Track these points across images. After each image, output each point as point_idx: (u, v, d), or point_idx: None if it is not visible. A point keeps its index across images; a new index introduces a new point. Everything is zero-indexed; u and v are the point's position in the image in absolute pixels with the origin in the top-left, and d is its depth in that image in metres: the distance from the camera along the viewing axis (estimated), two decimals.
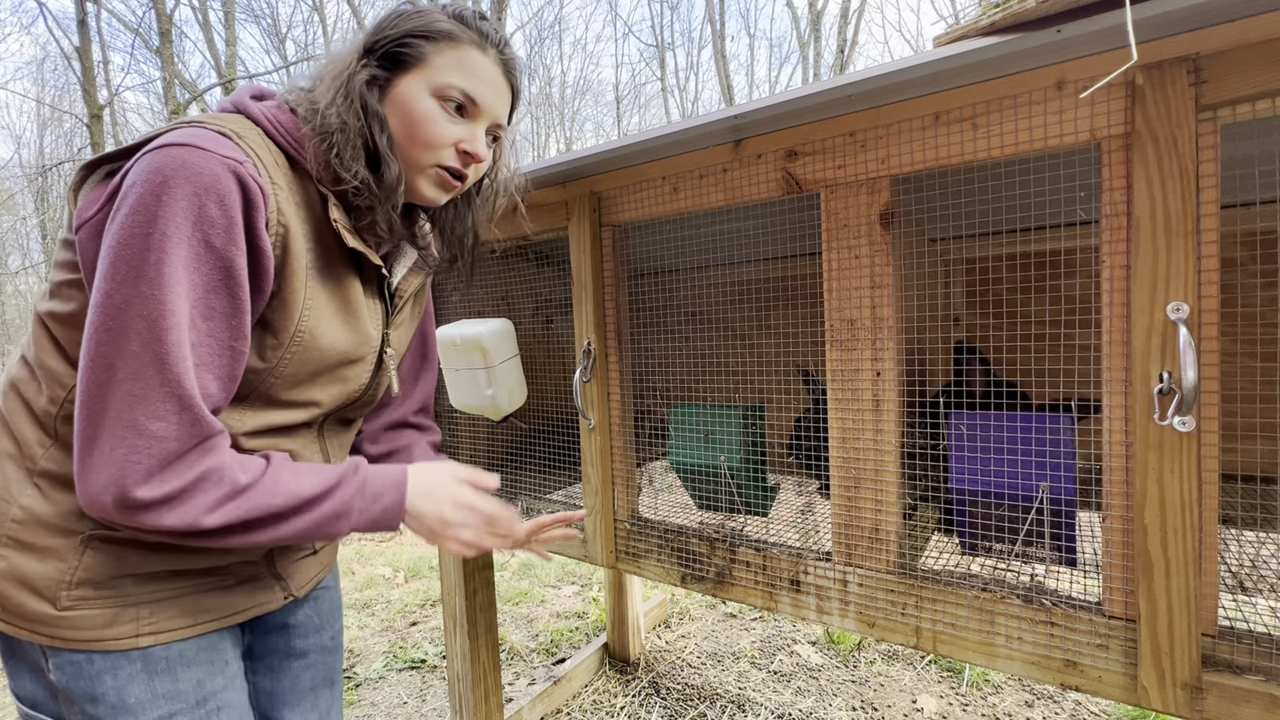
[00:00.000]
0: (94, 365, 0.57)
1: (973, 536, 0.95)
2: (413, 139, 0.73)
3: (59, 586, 0.65)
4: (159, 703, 0.69)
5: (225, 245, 0.60)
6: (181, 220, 0.58)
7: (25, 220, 13.60)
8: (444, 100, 0.73)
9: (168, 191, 0.57)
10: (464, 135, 0.76)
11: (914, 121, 0.84)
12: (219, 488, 0.61)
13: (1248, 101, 0.66)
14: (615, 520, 1.23)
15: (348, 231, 0.72)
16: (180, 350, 0.58)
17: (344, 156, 0.69)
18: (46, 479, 0.67)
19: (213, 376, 0.62)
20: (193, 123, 0.64)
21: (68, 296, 0.66)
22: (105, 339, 0.57)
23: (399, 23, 0.73)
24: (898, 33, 20.65)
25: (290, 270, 0.68)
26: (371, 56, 0.73)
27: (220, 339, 0.62)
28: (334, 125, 0.69)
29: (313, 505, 0.66)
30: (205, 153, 0.59)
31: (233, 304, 0.62)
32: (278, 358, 0.69)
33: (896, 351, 0.89)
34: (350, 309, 0.76)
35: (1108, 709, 1.88)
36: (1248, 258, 1.21)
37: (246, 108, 0.71)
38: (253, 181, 0.62)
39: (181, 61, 9.92)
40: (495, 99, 0.77)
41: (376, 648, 2.50)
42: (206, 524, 0.60)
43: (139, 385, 0.57)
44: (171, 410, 0.58)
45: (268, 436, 0.73)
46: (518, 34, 13.24)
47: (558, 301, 1.66)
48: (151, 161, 0.58)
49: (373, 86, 0.72)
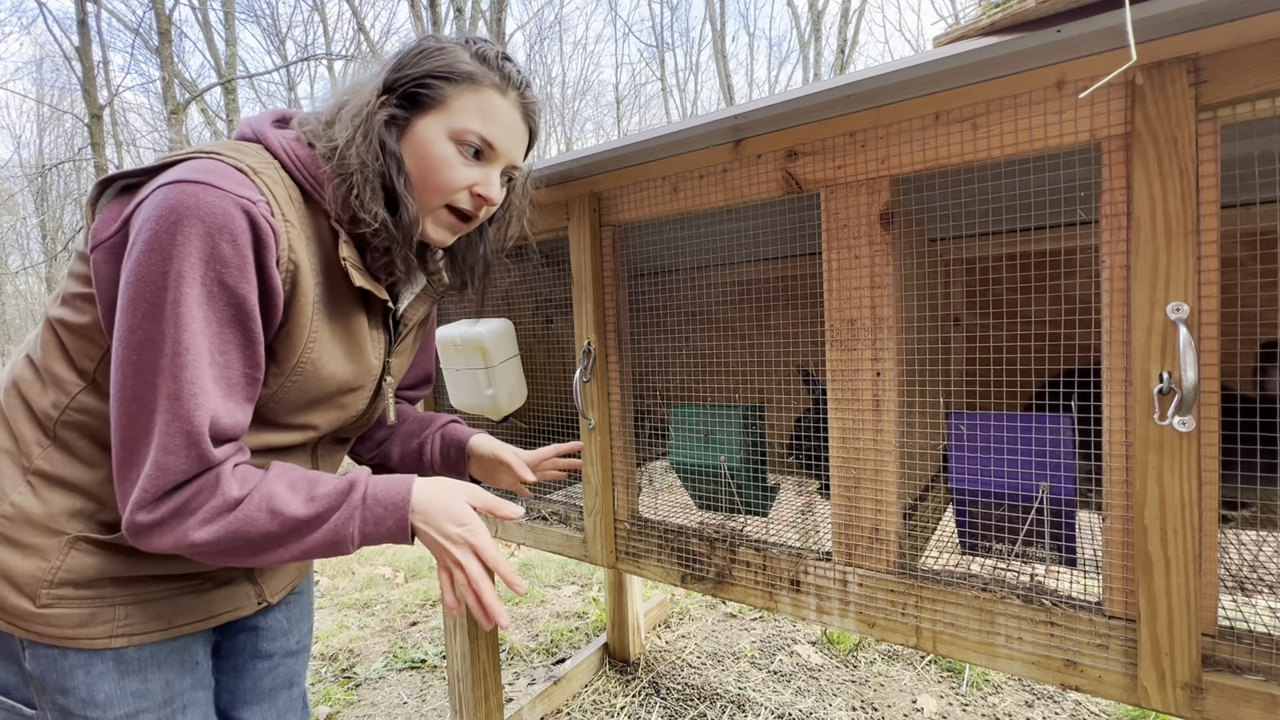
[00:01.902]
0: (122, 398, 0.60)
1: (973, 536, 0.95)
2: (427, 182, 0.74)
3: (40, 584, 0.66)
4: (127, 700, 0.71)
5: (238, 283, 0.62)
6: (196, 259, 0.59)
7: (25, 220, 13.61)
8: (461, 145, 0.74)
9: (181, 230, 0.59)
10: (478, 179, 0.76)
11: (914, 121, 0.84)
12: (213, 499, 0.62)
13: (1248, 101, 0.66)
14: (615, 520, 1.23)
15: (356, 270, 0.73)
16: (192, 387, 0.60)
17: (363, 198, 0.70)
18: (40, 478, 0.68)
19: (235, 404, 0.64)
20: (209, 154, 0.64)
21: (80, 309, 0.67)
22: (131, 373, 0.60)
23: (421, 61, 0.73)
24: (898, 32, 20.66)
25: (298, 305, 0.68)
26: (391, 95, 0.73)
27: (237, 370, 0.64)
28: (353, 166, 0.69)
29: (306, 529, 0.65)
30: (219, 191, 0.60)
31: (246, 336, 0.64)
32: (279, 385, 0.70)
33: (896, 351, 0.89)
34: (353, 340, 0.77)
35: (1108, 709, 1.88)
36: (1248, 258, 1.21)
37: (266, 138, 0.71)
38: (264, 222, 0.63)
39: (181, 61, 9.92)
40: (512, 143, 0.77)
41: (376, 648, 2.50)
42: (195, 539, 0.61)
43: (161, 419, 0.59)
44: (181, 445, 0.60)
45: (261, 456, 0.74)
46: (518, 34, 13.25)
47: (558, 301, 1.66)
48: (166, 198, 0.59)
49: (391, 126, 0.72)
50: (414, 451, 0.98)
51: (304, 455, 0.81)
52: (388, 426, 0.99)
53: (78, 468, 0.68)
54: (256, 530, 0.63)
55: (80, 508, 0.68)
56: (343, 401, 0.79)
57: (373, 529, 0.67)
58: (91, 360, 0.68)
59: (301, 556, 0.66)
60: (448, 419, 1.02)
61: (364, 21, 9.91)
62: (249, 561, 0.65)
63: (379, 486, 0.69)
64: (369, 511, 0.67)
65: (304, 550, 0.65)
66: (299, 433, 0.76)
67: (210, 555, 0.63)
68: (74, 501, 0.68)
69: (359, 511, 0.67)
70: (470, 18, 8.17)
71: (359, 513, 0.67)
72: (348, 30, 12.08)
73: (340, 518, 0.66)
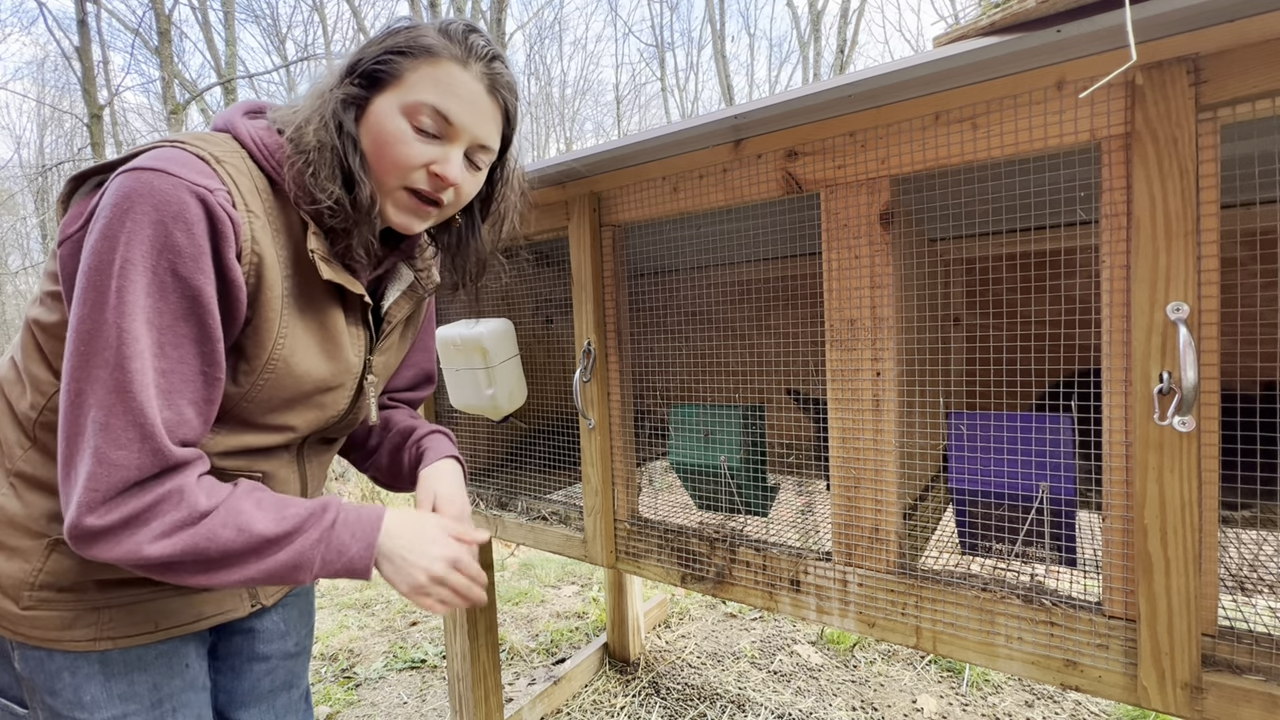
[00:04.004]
0: (68, 392, 0.57)
1: (973, 536, 0.95)
2: (381, 160, 0.70)
3: (22, 586, 0.66)
4: (114, 703, 0.70)
5: (192, 274, 0.59)
6: (146, 248, 0.57)
7: (25, 220, 13.61)
8: (416, 120, 0.69)
9: (131, 218, 0.57)
10: (435, 156, 0.71)
11: (914, 121, 0.84)
12: (177, 510, 0.59)
13: (1248, 101, 0.66)
14: (615, 520, 1.23)
15: (324, 262, 0.70)
16: (143, 378, 0.57)
17: (319, 176, 0.67)
18: (21, 480, 0.67)
19: (187, 403, 0.61)
20: (173, 142, 0.63)
21: (51, 307, 0.67)
22: (78, 364, 0.57)
23: (385, 40, 0.71)
24: (898, 32, 20.65)
25: (264, 300, 0.66)
26: (352, 75, 0.71)
27: (191, 366, 0.61)
28: (310, 144, 0.67)
29: (269, 549, 0.62)
30: (173, 178, 0.58)
31: (202, 331, 0.61)
32: (250, 383, 0.68)
33: (896, 351, 0.89)
34: (329, 337, 0.74)
35: (1108, 709, 1.88)
36: (1248, 258, 1.21)
37: (235, 128, 0.69)
38: (221, 210, 0.60)
39: (181, 61, 9.92)
40: (475, 117, 0.72)
41: (376, 648, 2.50)
42: (149, 554, 0.57)
43: (103, 413, 0.56)
44: (134, 439, 0.57)
45: (242, 458, 0.72)
46: (518, 34, 13.25)
47: (558, 301, 1.66)
48: (121, 186, 0.58)
49: (349, 106, 0.70)
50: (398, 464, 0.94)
51: (288, 456, 0.79)
52: (378, 434, 0.97)
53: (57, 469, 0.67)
54: (217, 547, 0.60)
55: (60, 510, 0.66)
56: (321, 401, 0.76)
57: (335, 556, 0.65)
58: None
59: (252, 580, 0.63)
60: (428, 430, 0.95)
61: (364, 21, 9.90)
62: (194, 581, 0.61)
63: (352, 513, 0.68)
64: (336, 537, 0.66)
65: (259, 572, 0.62)
66: (278, 434, 0.74)
67: (157, 571, 0.59)
68: (54, 503, 0.67)
69: (329, 534, 0.65)
70: (470, 17, 8.18)
71: (329, 534, 0.65)
72: (348, 30, 12.06)
73: (308, 539, 0.64)
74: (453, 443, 0.96)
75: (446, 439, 0.96)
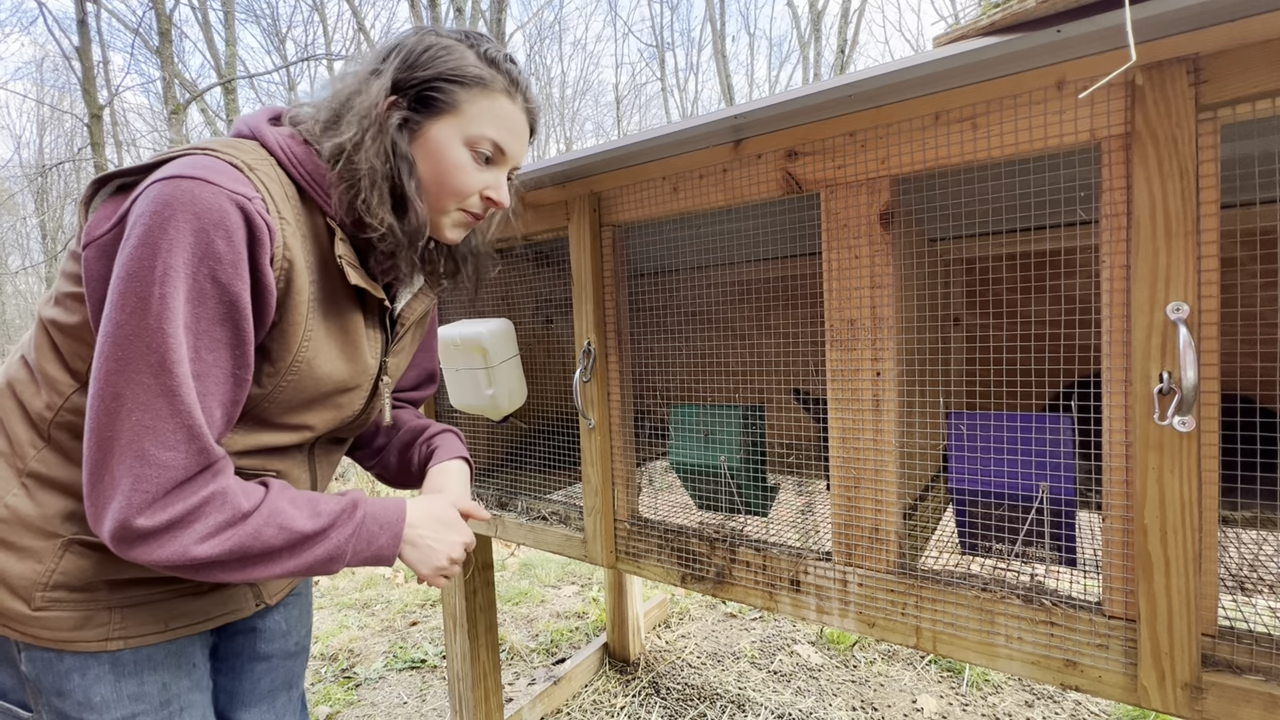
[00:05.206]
0: (103, 395, 0.58)
1: (973, 536, 0.95)
2: (442, 186, 0.75)
3: (34, 587, 0.66)
4: (124, 703, 0.70)
5: (231, 280, 0.61)
6: (188, 255, 0.58)
7: (25, 220, 13.62)
8: (475, 150, 0.75)
9: (173, 225, 0.58)
10: (490, 182, 0.78)
11: (914, 121, 0.84)
12: (222, 512, 0.61)
13: (1248, 101, 0.66)
14: (615, 520, 1.23)
15: (352, 268, 0.72)
16: (189, 382, 0.59)
17: (370, 203, 0.70)
18: (34, 480, 0.67)
19: (217, 404, 0.63)
20: (205, 150, 0.64)
21: (71, 309, 0.67)
22: (114, 369, 0.58)
23: (430, 62, 0.72)
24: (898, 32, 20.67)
25: (292, 303, 0.68)
26: (402, 96, 0.72)
27: (224, 369, 0.63)
28: (362, 170, 0.69)
29: (307, 544, 0.66)
30: (214, 187, 0.59)
31: (236, 335, 0.63)
32: (273, 385, 0.70)
33: (896, 351, 0.89)
34: (350, 339, 0.77)
35: (1108, 709, 1.88)
36: (1248, 258, 1.21)
37: (263, 135, 0.70)
38: (260, 219, 0.62)
39: (181, 61, 9.93)
40: (521, 146, 0.80)
41: (376, 648, 2.50)
42: (197, 554, 0.59)
43: (148, 415, 0.58)
44: (181, 440, 0.59)
45: (257, 456, 0.73)
46: (517, 34, 13.25)
47: (558, 301, 1.66)
48: (160, 193, 0.59)
49: (404, 129, 0.72)
50: (407, 462, 0.97)
51: (300, 455, 0.80)
52: (386, 433, 0.98)
53: (72, 470, 0.67)
54: (261, 545, 0.62)
55: (74, 510, 0.67)
56: (339, 401, 0.78)
57: (364, 546, 0.71)
58: (84, 361, 0.67)
59: (290, 573, 0.66)
60: (439, 429, 0.98)
61: (364, 21, 9.91)
62: (229, 577, 0.63)
63: (377, 506, 0.74)
64: (366, 529, 0.71)
65: (297, 566, 0.65)
66: (295, 433, 0.75)
67: (204, 571, 0.61)
68: (68, 504, 0.67)
69: (360, 528, 0.70)
70: (470, 18, 8.16)
71: (360, 528, 0.70)
72: (348, 30, 12.06)
73: (342, 533, 0.68)
74: (463, 443, 0.99)
75: (457, 439, 0.98)
